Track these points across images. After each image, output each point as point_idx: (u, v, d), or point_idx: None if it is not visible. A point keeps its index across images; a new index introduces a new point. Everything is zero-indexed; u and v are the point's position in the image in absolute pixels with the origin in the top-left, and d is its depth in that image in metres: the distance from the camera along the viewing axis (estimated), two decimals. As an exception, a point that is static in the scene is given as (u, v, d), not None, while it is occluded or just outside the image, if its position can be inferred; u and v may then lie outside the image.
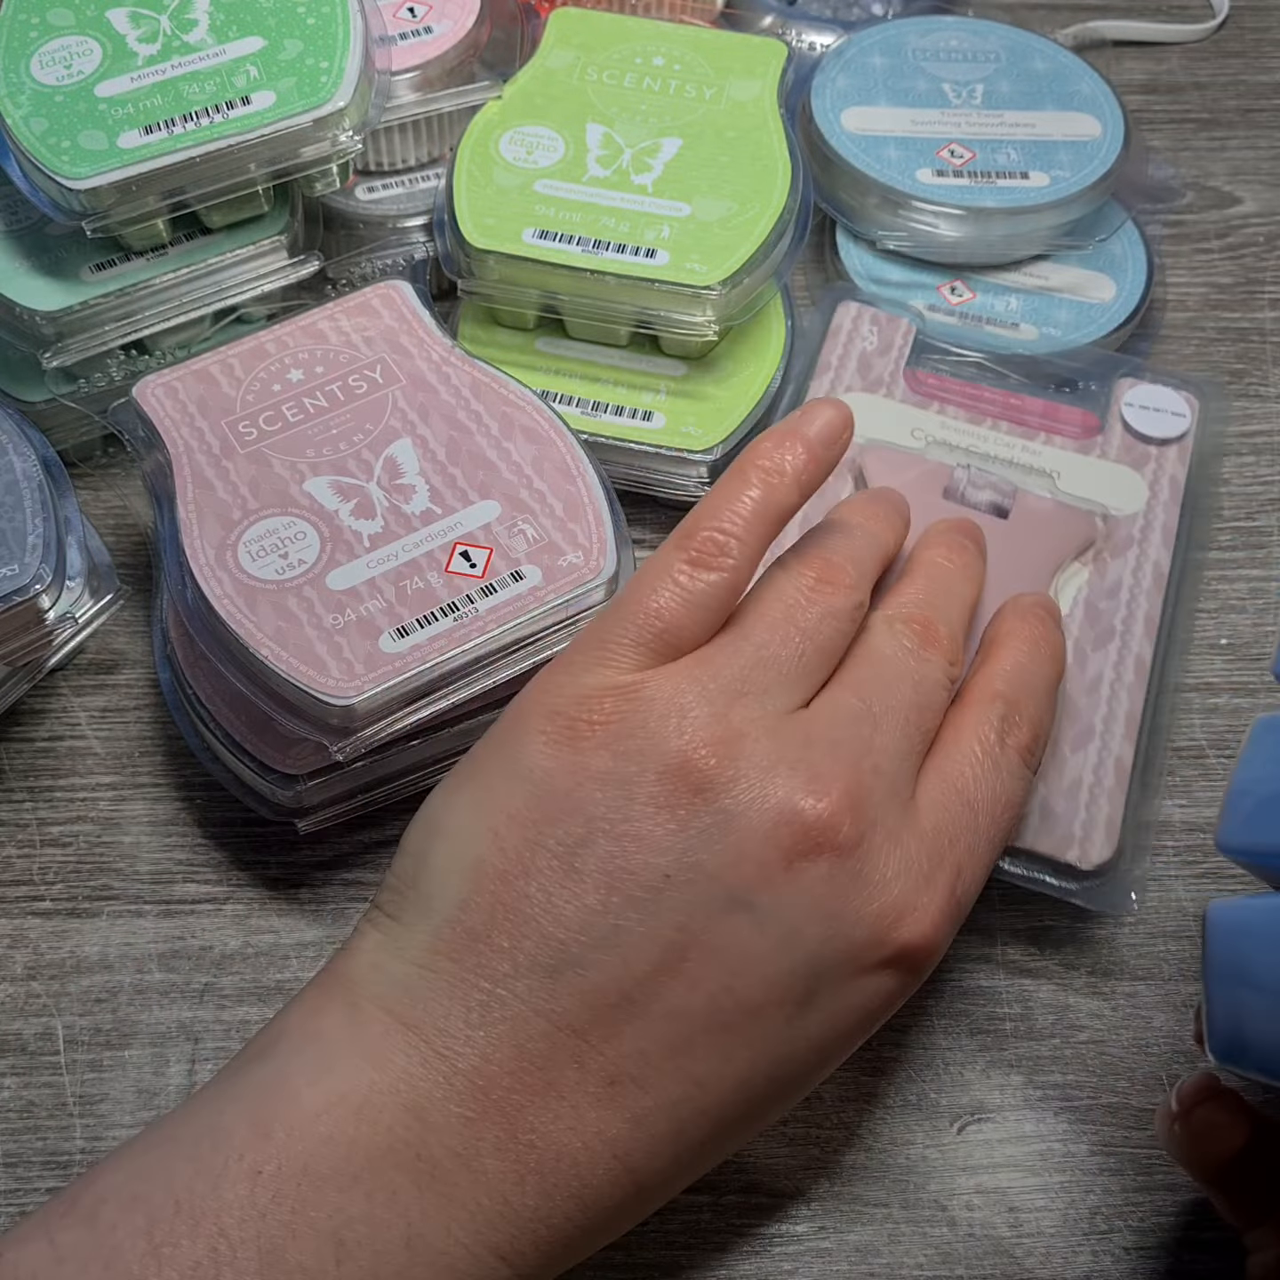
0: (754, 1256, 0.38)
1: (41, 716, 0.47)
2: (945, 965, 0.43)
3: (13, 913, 0.43)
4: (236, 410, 0.44)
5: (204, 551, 0.41)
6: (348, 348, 0.45)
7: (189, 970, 0.42)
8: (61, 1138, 0.40)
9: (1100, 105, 0.56)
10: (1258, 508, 0.52)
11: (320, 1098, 0.31)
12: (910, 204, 0.53)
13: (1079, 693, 0.43)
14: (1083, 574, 0.45)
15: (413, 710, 0.40)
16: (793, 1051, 0.33)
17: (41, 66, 0.46)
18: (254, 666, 0.39)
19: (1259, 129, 0.62)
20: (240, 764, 0.42)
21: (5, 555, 0.42)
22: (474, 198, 0.49)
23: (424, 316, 0.46)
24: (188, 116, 0.45)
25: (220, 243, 0.48)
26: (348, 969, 0.34)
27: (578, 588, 0.41)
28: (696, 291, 0.48)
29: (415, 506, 0.42)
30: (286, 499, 0.42)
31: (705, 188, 0.50)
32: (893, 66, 0.57)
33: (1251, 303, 0.57)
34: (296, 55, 0.47)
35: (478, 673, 0.40)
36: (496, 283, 0.49)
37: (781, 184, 0.50)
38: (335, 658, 0.39)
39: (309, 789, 0.41)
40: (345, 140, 0.47)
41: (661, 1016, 0.32)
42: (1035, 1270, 0.38)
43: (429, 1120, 0.31)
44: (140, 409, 0.44)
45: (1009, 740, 0.37)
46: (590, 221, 0.49)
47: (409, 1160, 0.31)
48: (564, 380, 0.50)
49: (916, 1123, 0.40)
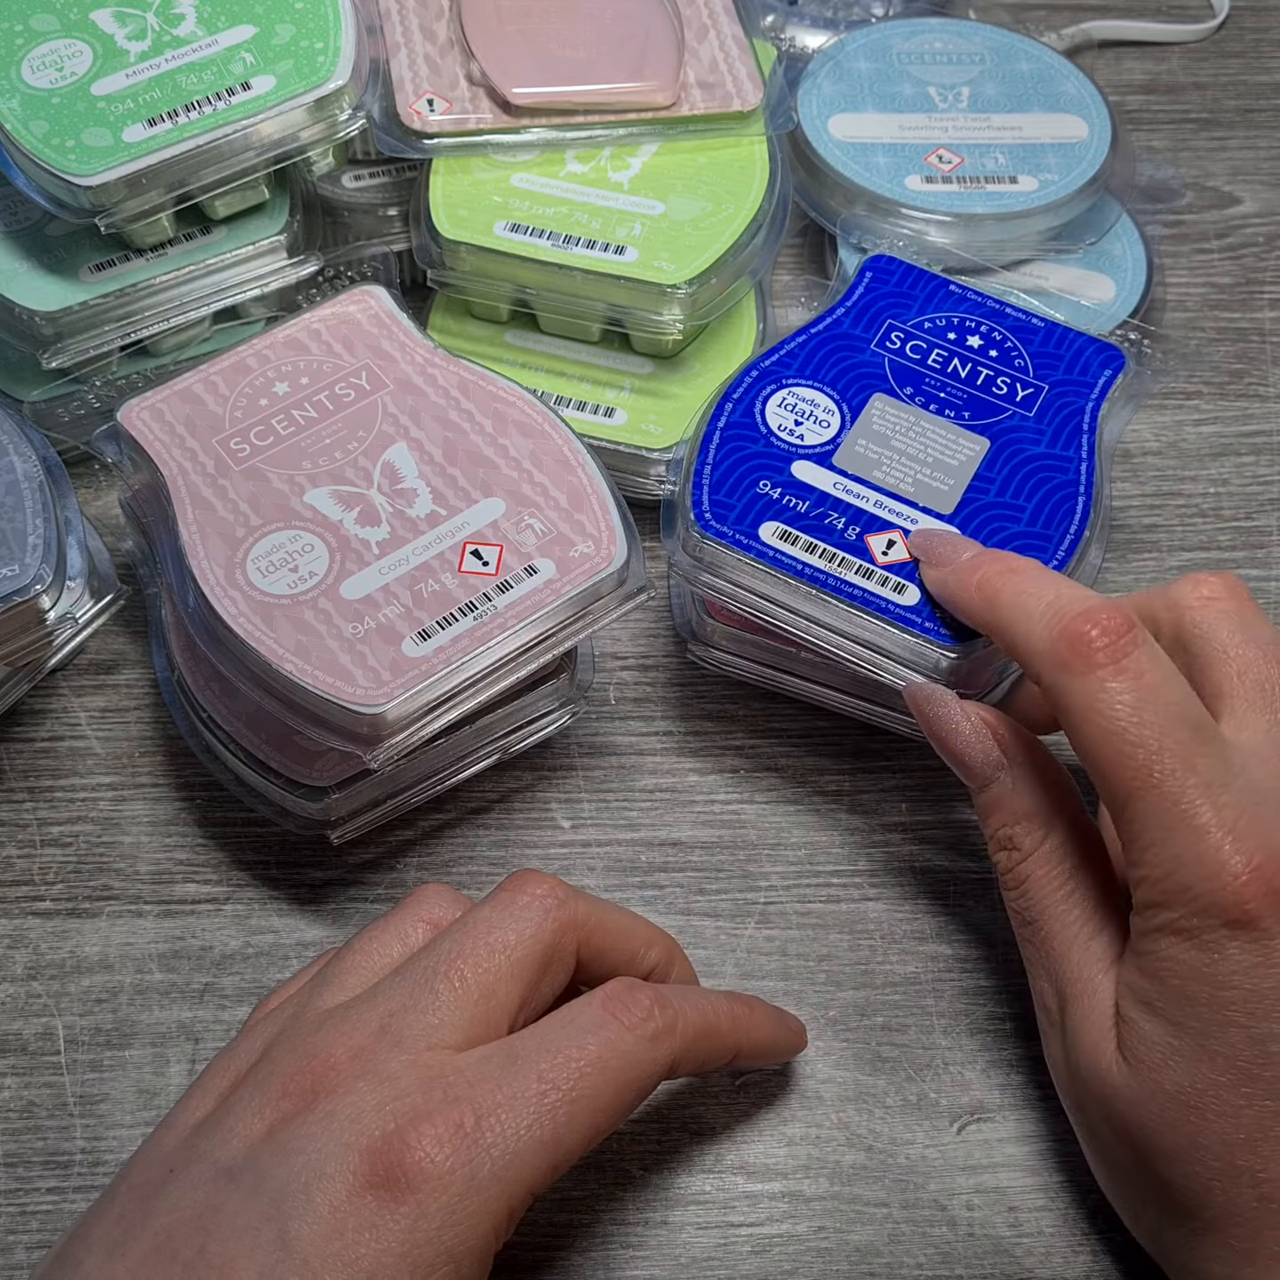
0: (754, 1256, 0.38)
1: (42, 716, 0.47)
2: (945, 965, 0.43)
3: (13, 913, 0.43)
4: (226, 428, 0.44)
5: (213, 572, 0.41)
6: (330, 357, 0.45)
7: (189, 970, 0.42)
8: (62, 1138, 0.40)
9: (1086, 106, 0.56)
10: (1257, 508, 0.52)
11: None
12: (900, 211, 0.53)
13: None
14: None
15: (442, 712, 0.40)
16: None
17: (33, 71, 0.46)
18: (278, 683, 0.39)
19: (1259, 129, 0.62)
20: (266, 781, 0.42)
21: (6, 555, 0.42)
22: (450, 189, 0.49)
23: (402, 320, 0.46)
24: (190, 106, 0.46)
25: (220, 242, 0.49)
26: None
27: (591, 577, 0.41)
28: (663, 289, 0.48)
29: (419, 510, 0.42)
30: (289, 513, 0.42)
31: (681, 187, 0.50)
32: (878, 71, 0.57)
33: (1251, 303, 0.57)
34: (290, 39, 0.47)
35: (503, 669, 0.40)
36: (467, 274, 0.49)
37: (758, 185, 0.50)
38: (360, 667, 0.39)
39: (337, 800, 0.41)
40: (345, 119, 0.47)
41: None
42: (1035, 1270, 0.38)
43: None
44: (127, 433, 0.44)
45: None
46: (563, 217, 0.49)
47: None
48: (529, 374, 0.50)
49: (916, 1123, 0.40)
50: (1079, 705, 0.35)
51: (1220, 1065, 0.33)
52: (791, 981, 0.42)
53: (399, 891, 0.44)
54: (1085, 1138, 0.38)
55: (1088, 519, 0.43)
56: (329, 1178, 0.31)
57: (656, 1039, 0.34)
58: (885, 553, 0.42)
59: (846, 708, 0.45)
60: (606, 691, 0.48)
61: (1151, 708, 0.34)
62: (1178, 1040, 0.34)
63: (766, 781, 0.46)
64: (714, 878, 0.44)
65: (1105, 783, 0.35)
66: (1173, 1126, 0.34)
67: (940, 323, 0.47)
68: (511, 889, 0.36)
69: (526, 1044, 0.33)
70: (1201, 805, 0.33)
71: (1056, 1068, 0.38)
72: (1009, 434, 0.44)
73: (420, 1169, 0.31)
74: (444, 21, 0.52)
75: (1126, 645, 0.35)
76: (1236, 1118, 0.33)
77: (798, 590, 0.42)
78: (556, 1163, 0.33)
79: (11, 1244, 0.38)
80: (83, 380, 0.48)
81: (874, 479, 0.43)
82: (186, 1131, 0.34)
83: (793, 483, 0.43)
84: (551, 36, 0.51)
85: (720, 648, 0.46)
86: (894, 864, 0.45)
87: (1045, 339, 0.47)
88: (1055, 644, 0.35)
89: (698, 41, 0.52)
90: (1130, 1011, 0.35)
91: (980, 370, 0.46)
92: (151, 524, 0.44)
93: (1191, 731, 0.34)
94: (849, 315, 0.47)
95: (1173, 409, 0.54)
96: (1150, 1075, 0.34)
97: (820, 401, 0.45)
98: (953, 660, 0.41)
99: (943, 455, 0.44)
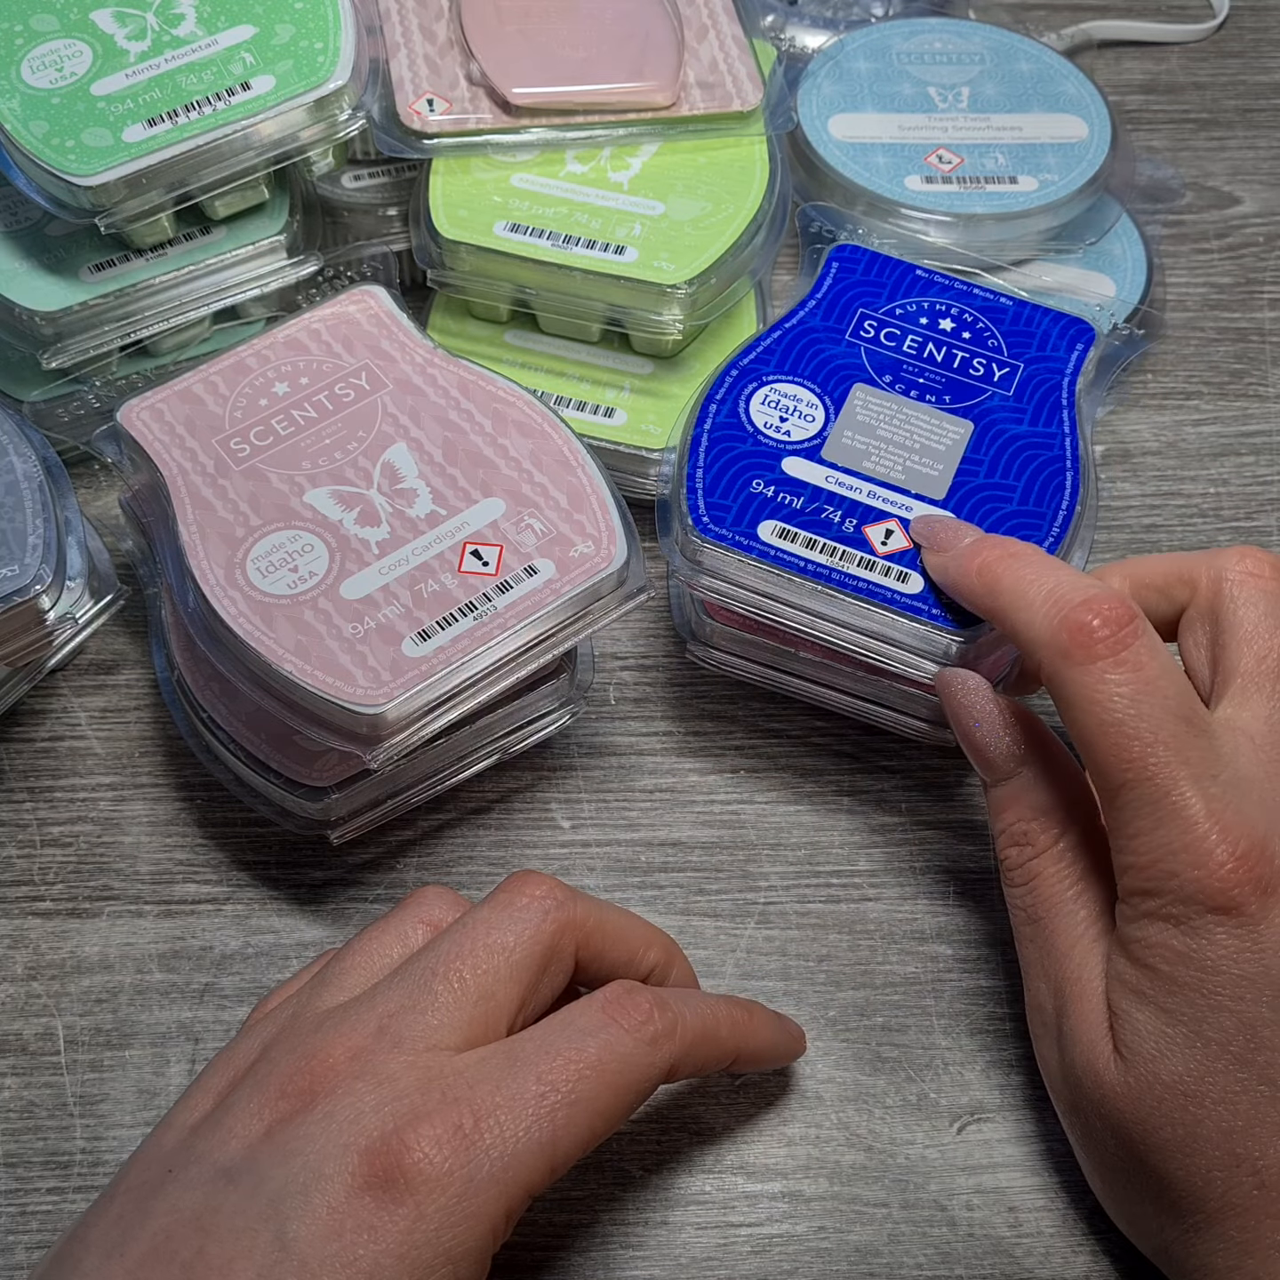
0: (754, 1256, 0.38)
1: (42, 717, 0.47)
2: (945, 965, 0.43)
3: (13, 913, 0.43)
4: (226, 428, 0.44)
5: (212, 571, 0.41)
6: (330, 357, 0.45)
7: (189, 970, 0.42)
8: (62, 1138, 0.40)
9: (1086, 106, 0.56)
10: (1257, 507, 0.52)
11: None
12: (900, 211, 0.53)
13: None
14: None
15: (442, 712, 0.40)
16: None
17: (32, 71, 0.46)
18: (277, 683, 0.39)
19: (1259, 129, 0.62)
20: (266, 782, 0.42)
21: (6, 556, 0.42)
22: (450, 189, 0.49)
23: (402, 320, 0.46)
24: (189, 106, 0.46)
25: (220, 243, 0.49)
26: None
27: (591, 577, 0.41)
28: (663, 289, 0.48)
29: (419, 510, 0.42)
30: (289, 513, 0.42)
31: (681, 187, 0.50)
32: (878, 71, 0.57)
33: (1251, 303, 0.57)
34: (290, 39, 0.47)
35: (503, 669, 0.40)
36: (467, 274, 0.49)
37: (758, 186, 0.50)
38: (360, 667, 0.39)
39: (337, 800, 0.41)
40: (345, 119, 0.47)
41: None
42: (1035, 1270, 0.38)
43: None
44: (126, 433, 0.44)
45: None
46: (563, 217, 0.49)
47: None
48: (529, 374, 0.50)
49: (916, 1123, 0.40)
50: (1078, 695, 0.35)
51: (1214, 1052, 0.34)
52: (791, 981, 0.42)
53: (399, 891, 0.44)
54: (1080, 1142, 0.38)
55: (1078, 494, 0.43)
56: (327, 1179, 0.31)
57: (656, 1042, 0.34)
58: (884, 542, 0.42)
59: (847, 708, 0.45)
60: (606, 691, 0.48)
61: (1149, 700, 0.34)
62: (1171, 1029, 0.34)
63: (766, 781, 0.46)
64: (714, 878, 0.44)
65: (1100, 770, 0.35)
66: (1171, 1119, 0.34)
67: (911, 308, 0.47)
68: (510, 890, 0.36)
69: (525, 1046, 0.33)
70: (1191, 797, 0.34)
71: (1050, 1070, 0.38)
72: (991, 415, 0.45)
73: (419, 1170, 0.31)
74: (444, 21, 0.52)
75: (1127, 636, 0.35)
76: (1233, 1104, 0.34)
77: (802, 587, 0.42)
78: (555, 1164, 0.33)
79: (11, 1244, 0.38)
80: (83, 380, 0.48)
81: (865, 469, 0.43)
82: (185, 1132, 0.34)
83: (785, 479, 0.43)
84: (551, 36, 0.51)
85: (720, 648, 0.46)
86: (894, 864, 0.45)
87: (1015, 318, 0.47)
88: (1056, 634, 0.35)
89: (698, 41, 0.52)
90: (1122, 1003, 0.35)
91: (955, 353, 0.46)
92: (151, 524, 0.44)
93: (1185, 724, 0.34)
94: (820, 307, 0.47)
95: (1173, 409, 0.54)
96: (1147, 1067, 0.34)
97: (802, 396, 0.45)
98: (961, 645, 0.41)
99: (929, 441, 0.44)
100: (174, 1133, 0.34)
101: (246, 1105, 0.33)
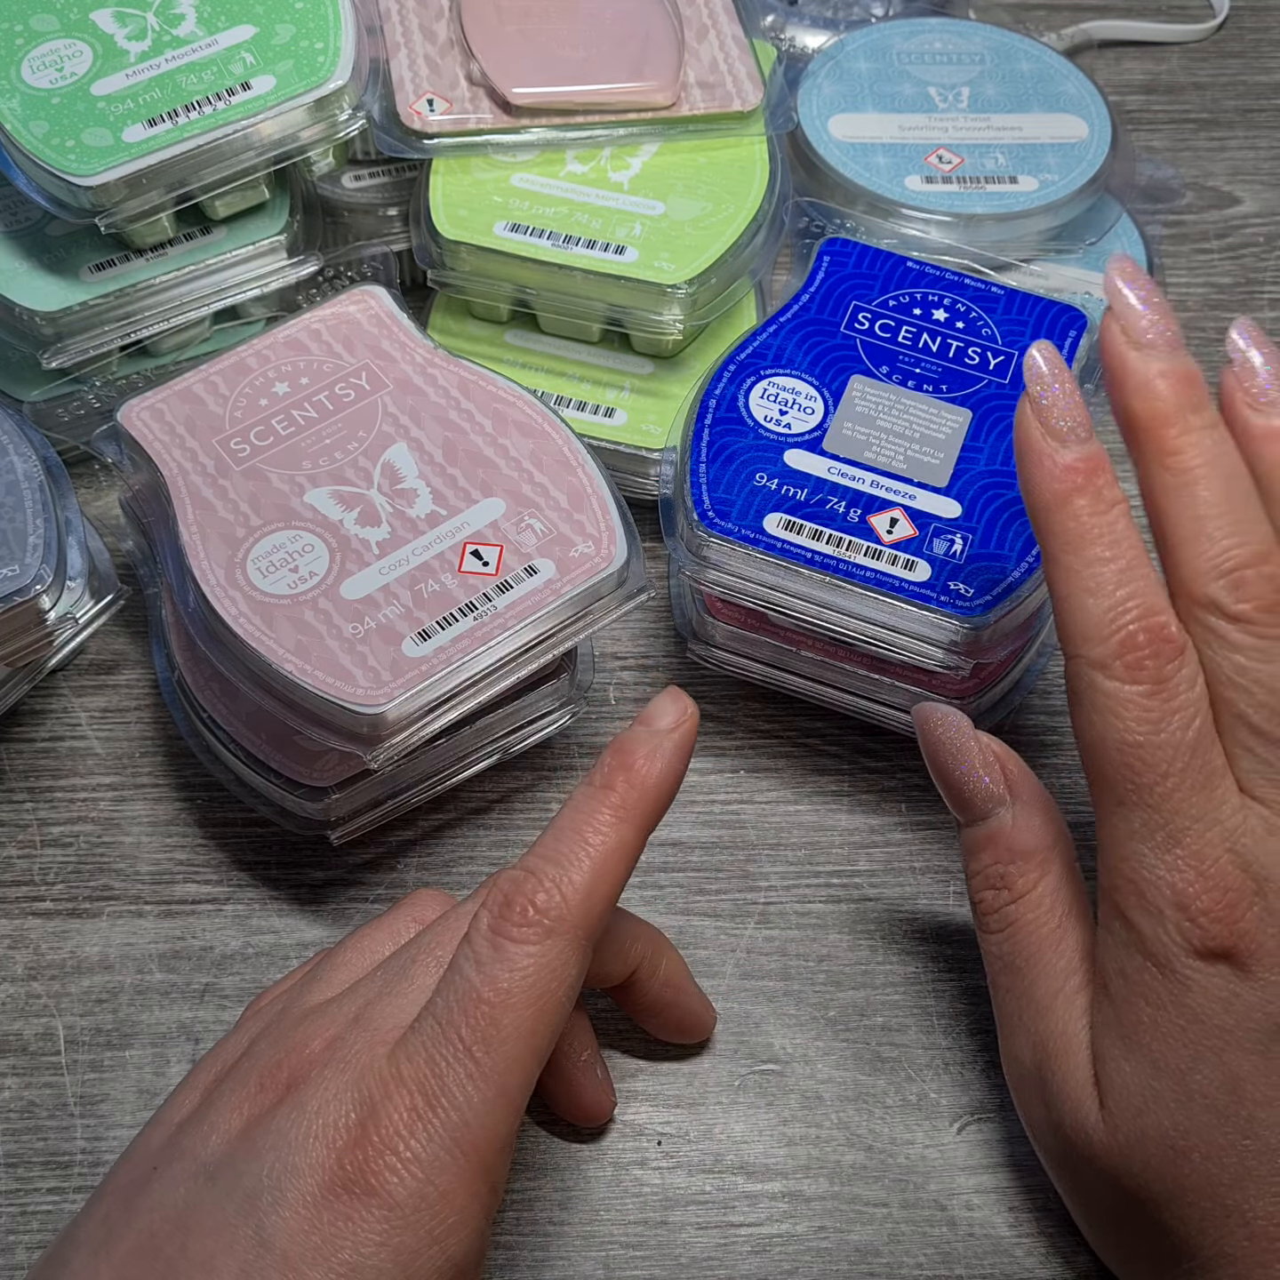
0: (754, 1256, 0.38)
1: (42, 717, 0.47)
2: (945, 965, 0.43)
3: (13, 913, 0.43)
4: (226, 428, 0.44)
5: (213, 571, 0.41)
6: (330, 357, 0.45)
7: (189, 970, 0.42)
8: (62, 1138, 0.40)
9: (1086, 106, 0.56)
10: (1257, 508, 0.52)
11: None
12: (900, 211, 0.53)
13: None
14: None
15: (442, 712, 0.40)
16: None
17: (32, 71, 0.46)
18: (278, 683, 0.39)
19: (1259, 129, 0.62)
20: (266, 782, 0.42)
21: (6, 556, 0.42)
22: (450, 189, 0.50)
23: (402, 319, 0.46)
24: (190, 106, 0.46)
25: (220, 242, 0.49)
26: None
27: (592, 577, 0.41)
28: (663, 289, 0.48)
29: (419, 510, 0.42)
30: (289, 513, 0.42)
31: (681, 187, 0.50)
32: (878, 71, 0.57)
33: (1251, 303, 0.57)
34: (290, 39, 0.47)
35: (503, 669, 0.40)
36: (467, 274, 0.49)
37: (758, 186, 0.50)
38: (360, 667, 0.39)
39: (337, 800, 0.41)
40: (345, 119, 0.47)
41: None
42: (1035, 1270, 0.38)
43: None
44: (127, 433, 0.44)
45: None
46: (563, 217, 0.49)
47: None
48: (529, 374, 0.50)
49: (916, 1123, 0.40)
50: (1104, 704, 0.34)
51: (1199, 1105, 0.33)
52: (791, 981, 0.42)
53: (399, 892, 0.44)
54: (1068, 1192, 0.37)
55: None
56: (300, 1173, 0.31)
57: (552, 934, 0.32)
58: (889, 531, 0.42)
59: (848, 706, 0.45)
60: (606, 691, 0.48)
61: (1170, 733, 0.34)
62: (1157, 1083, 0.34)
63: (766, 781, 0.46)
64: (714, 878, 0.44)
65: (1104, 783, 0.35)
66: (1160, 1174, 0.34)
67: (904, 299, 0.47)
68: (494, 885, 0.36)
69: (443, 1003, 0.32)
70: (1188, 837, 0.33)
71: (1034, 1123, 0.37)
72: (988, 403, 0.45)
73: (382, 1159, 0.31)
74: (444, 21, 0.52)
75: (1172, 669, 0.34)
76: (1220, 1159, 0.33)
77: (810, 578, 0.42)
78: (515, 1106, 0.32)
79: (12, 1244, 0.38)
80: (83, 380, 0.48)
81: (866, 460, 0.44)
82: (171, 1129, 0.34)
83: (788, 472, 0.43)
84: (551, 36, 0.51)
85: (721, 646, 0.46)
86: (894, 864, 0.45)
87: (1007, 306, 0.47)
88: (1106, 641, 0.34)
89: (698, 41, 0.52)
90: (1109, 1049, 0.35)
91: (950, 343, 0.46)
92: (151, 524, 0.44)
93: (1200, 762, 0.34)
94: (814, 300, 0.47)
95: (1173, 409, 0.54)
96: (1134, 1123, 0.34)
97: (801, 389, 0.45)
98: (970, 632, 0.41)
99: (929, 430, 0.44)
100: (161, 1130, 0.34)
101: (228, 1100, 0.33)
